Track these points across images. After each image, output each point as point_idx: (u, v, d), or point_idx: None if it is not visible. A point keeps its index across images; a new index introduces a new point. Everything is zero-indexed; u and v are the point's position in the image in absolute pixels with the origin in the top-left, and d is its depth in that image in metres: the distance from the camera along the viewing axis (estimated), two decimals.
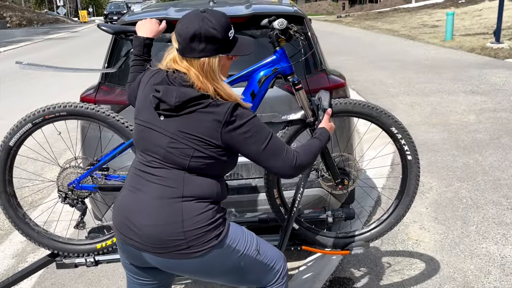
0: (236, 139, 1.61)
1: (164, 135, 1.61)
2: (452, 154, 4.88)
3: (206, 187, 1.65)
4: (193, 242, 1.59)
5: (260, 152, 1.65)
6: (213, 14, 1.62)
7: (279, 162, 1.68)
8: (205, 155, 1.60)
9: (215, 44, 1.60)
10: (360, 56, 12.71)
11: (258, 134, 1.63)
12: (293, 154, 1.71)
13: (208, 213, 1.62)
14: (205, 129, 1.58)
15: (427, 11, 26.89)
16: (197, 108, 1.58)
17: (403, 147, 2.31)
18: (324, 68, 3.02)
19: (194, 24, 1.58)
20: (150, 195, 1.64)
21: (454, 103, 6.95)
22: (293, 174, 1.74)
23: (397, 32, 19.04)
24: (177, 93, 1.57)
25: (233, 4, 3.50)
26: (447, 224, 3.44)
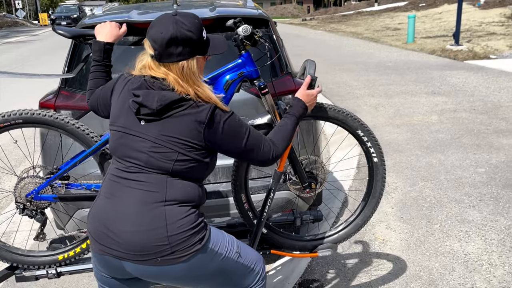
0: (219, 137, 1.63)
1: (146, 139, 1.60)
2: (415, 154, 4.98)
3: (188, 191, 1.64)
4: (178, 247, 1.56)
5: (241, 147, 1.69)
6: (185, 16, 1.63)
7: (259, 155, 1.73)
8: (189, 158, 1.61)
9: (192, 46, 1.61)
10: (325, 58, 12.86)
11: (238, 131, 1.67)
12: (270, 146, 1.76)
13: (191, 217, 1.61)
14: (188, 131, 1.59)
15: (390, 14, 27.51)
16: (179, 110, 1.58)
17: (369, 149, 2.34)
18: (290, 71, 3.02)
19: (168, 28, 1.58)
20: (130, 201, 1.60)
21: (416, 104, 7.12)
22: (272, 163, 1.80)
23: (361, 35, 19.39)
24: (158, 97, 1.56)
25: (197, 6, 3.46)
26: (412, 223, 3.51)
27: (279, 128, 1.89)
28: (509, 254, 3.05)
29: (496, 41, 13.58)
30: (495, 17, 18.81)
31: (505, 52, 11.97)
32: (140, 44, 2.87)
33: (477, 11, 20.98)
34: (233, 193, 2.38)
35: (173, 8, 3.15)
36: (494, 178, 4.23)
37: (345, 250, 3.18)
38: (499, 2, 21.91)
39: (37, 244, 2.81)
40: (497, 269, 2.89)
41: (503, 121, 6.00)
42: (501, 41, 13.62)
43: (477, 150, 4.99)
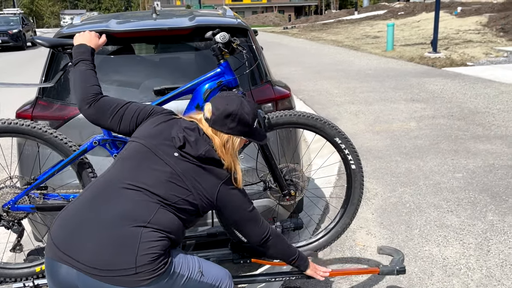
0: (227, 199, 1.80)
1: (170, 167, 1.71)
2: (395, 160, 5.05)
3: (173, 224, 1.68)
4: (143, 268, 1.55)
5: (243, 215, 1.86)
6: (250, 102, 1.88)
7: (254, 230, 1.91)
8: (195, 202, 1.73)
9: (244, 127, 1.82)
10: (306, 66, 12.97)
11: (245, 201, 1.87)
12: (267, 228, 1.94)
13: (163, 242, 1.63)
14: (209, 182, 1.76)
15: (369, 23, 27.91)
16: (212, 167, 1.77)
17: (347, 156, 2.37)
18: (269, 79, 3.05)
19: (233, 104, 1.80)
20: (109, 213, 1.58)
21: (396, 111, 7.22)
22: (259, 244, 1.95)
23: (342, 43, 19.62)
24: (207, 149, 1.76)
25: (176, 16, 3.48)
26: (392, 229, 3.55)
27: (286, 243, 2.10)
28: (486, 258, 3.11)
29: (472, 49, 13.88)
30: (471, 25, 19.24)
31: (481, 60, 12.24)
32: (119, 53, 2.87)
33: (454, 19, 21.42)
34: None
35: (153, 18, 3.16)
36: (471, 183, 4.31)
37: (326, 256, 3.20)
38: (475, 11, 22.43)
39: (14, 256, 2.76)
40: (474, 273, 2.94)
41: (480, 126, 6.12)
42: (477, 48, 13.92)
43: (454, 155, 5.08)
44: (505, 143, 5.40)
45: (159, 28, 2.94)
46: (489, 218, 3.64)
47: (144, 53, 3.09)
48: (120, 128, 1.92)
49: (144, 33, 2.93)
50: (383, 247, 2.73)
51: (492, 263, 3.04)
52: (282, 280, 2.44)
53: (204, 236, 2.60)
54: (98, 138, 2.25)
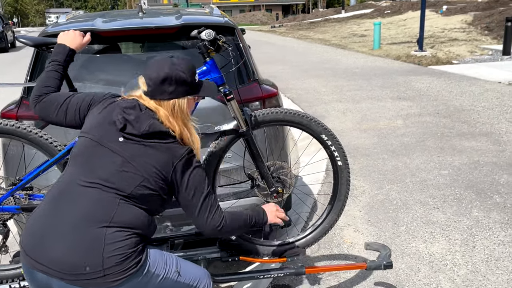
0: (184, 180, 1.69)
1: (119, 155, 1.63)
2: (382, 157, 5.09)
3: (137, 218, 1.63)
4: (111, 270, 1.53)
5: (197, 201, 1.72)
6: (181, 59, 1.77)
7: (207, 218, 1.74)
8: (151, 187, 1.64)
9: (184, 86, 1.73)
10: (294, 65, 13.00)
11: (202, 183, 1.73)
12: (221, 217, 1.77)
13: (131, 241, 1.59)
14: (162, 162, 1.65)
15: (356, 21, 28.06)
16: (161, 142, 1.67)
17: (333, 153, 2.38)
18: (257, 78, 3.05)
19: (164, 68, 1.71)
20: (72, 216, 1.56)
21: (383, 109, 7.28)
22: (212, 234, 1.80)
23: (329, 42, 19.70)
24: (148, 123, 1.66)
25: (163, 14, 3.46)
26: (379, 226, 3.58)
27: (240, 213, 1.90)
28: (472, 253, 3.15)
29: (458, 47, 14.03)
30: (456, 23, 19.45)
31: (467, 58, 12.38)
32: (105, 52, 2.85)
33: (439, 18, 21.64)
34: None
35: (139, 16, 3.14)
36: (457, 180, 4.36)
37: (314, 254, 3.22)
38: (461, 9, 22.68)
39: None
40: (460, 269, 2.98)
41: (465, 124, 6.20)
42: (462, 46, 14.08)
43: (440, 153, 5.14)
44: (490, 140, 5.47)
45: (145, 27, 2.92)
46: (474, 214, 3.69)
47: (131, 52, 3.07)
48: (67, 123, 1.88)
49: (130, 32, 2.91)
50: (371, 243, 2.75)
51: (477, 259, 3.08)
52: (271, 277, 2.45)
53: (192, 235, 2.60)
54: None
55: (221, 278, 2.47)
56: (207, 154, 2.33)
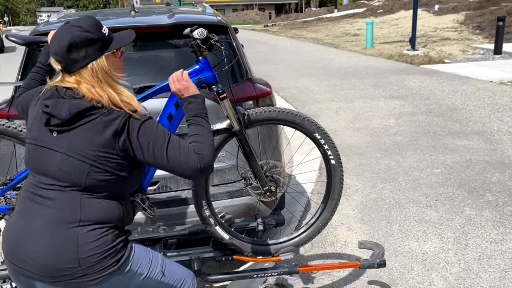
0: (135, 146, 1.55)
1: (57, 152, 1.52)
2: (375, 156, 5.10)
3: (106, 211, 1.56)
4: (90, 269, 1.50)
5: (161, 157, 1.58)
6: (78, 20, 1.59)
7: (182, 164, 1.60)
8: (102, 170, 1.53)
9: (94, 44, 1.55)
10: (287, 64, 13.01)
11: (156, 137, 1.58)
12: (195, 154, 1.63)
13: (107, 238, 1.54)
14: (101, 142, 1.51)
15: (349, 20, 28.13)
16: (90, 119, 1.51)
17: (326, 152, 2.38)
18: (250, 77, 3.05)
19: (65, 36, 1.55)
20: (41, 220, 1.52)
21: (375, 108, 7.30)
22: (200, 175, 1.65)
23: (322, 41, 19.73)
24: (68, 106, 1.50)
25: (155, 13, 3.45)
26: (372, 225, 3.58)
27: (201, 138, 1.72)
28: (464, 251, 3.16)
29: (450, 46, 14.11)
30: (448, 23, 19.56)
31: (459, 57, 12.46)
32: None
33: (432, 17, 21.75)
34: (194, 200, 2.37)
35: (131, 15, 3.12)
36: (449, 179, 4.38)
37: (307, 253, 3.22)
38: (452, 9, 22.81)
39: None
40: (453, 267, 2.99)
41: (457, 123, 6.23)
42: (454, 46, 14.16)
43: (433, 151, 5.16)
44: (481, 139, 5.50)
45: (137, 26, 2.90)
46: (466, 212, 3.71)
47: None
48: (25, 120, 1.77)
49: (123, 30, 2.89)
50: (364, 241, 2.76)
51: (470, 257, 3.09)
52: (264, 276, 2.45)
53: (185, 234, 2.59)
54: None
55: (214, 277, 2.46)
56: None
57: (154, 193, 2.79)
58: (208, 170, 1.67)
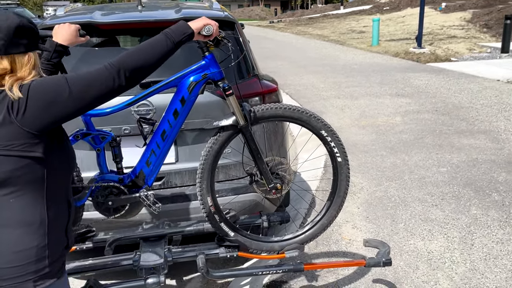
0: (39, 114, 1.31)
1: None
2: (381, 154, 5.08)
3: (27, 211, 1.37)
4: (5, 282, 1.35)
5: (74, 102, 1.36)
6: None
7: (104, 90, 1.40)
8: (10, 157, 1.30)
9: None
10: (292, 60, 12.97)
11: (53, 92, 1.33)
12: (108, 70, 1.42)
13: (30, 251, 1.36)
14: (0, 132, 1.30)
15: (355, 17, 28.01)
16: None
17: (332, 149, 2.36)
18: (257, 73, 3.03)
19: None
20: None
21: (381, 106, 7.26)
22: (125, 84, 1.45)
23: (327, 38, 19.66)
24: None
25: (162, 8, 3.43)
26: (377, 223, 3.57)
27: (135, 49, 1.53)
28: (470, 251, 3.14)
29: (456, 44, 14.02)
30: (455, 21, 19.43)
31: (465, 55, 12.38)
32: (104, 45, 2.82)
33: (438, 15, 21.62)
34: (199, 196, 2.36)
35: (138, 10, 3.11)
36: (455, 177, 4.36)
37: (312, 250, 3.21)
38: (459, 7, 22.66)
39: None
40: (459, 266, 2.97)
41: (464, 121, 6.19)
42: (461, 44, 14.07)
43: (439, 150, 5.13)
44: (488, 138, 5.46)
45: (144, 20, 2.90)
46: (472, 212, 3.68)
47: (129, 45, 3.05)
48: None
49: (129, 25, 2.88)
50: (369, 239, 2.74)
51: (476, 257, 3.07)
52: (269, 273, 2.44)
53: (190, 230, 2.58)
54: (80, 132, 2.21)
55: (218, 274, 2.46)
56: (206, 150, 2.31)
57: (159, 188, 2.78)
58: (136, 75, 1.48)
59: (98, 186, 2.25)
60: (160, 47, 1.59)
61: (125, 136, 2.63)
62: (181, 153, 2.82)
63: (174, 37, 1.65)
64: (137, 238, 2.53)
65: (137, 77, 1.50)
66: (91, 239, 2.54)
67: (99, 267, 2.39)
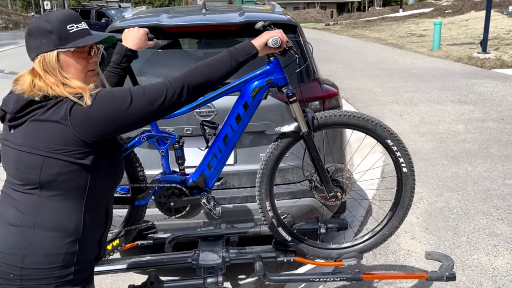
0: (95, 123, 1.36)
1: (13, 149, 1.41)
2: (441, 163, 4.89)
3: (63, 216, 1.41)
4: (28, 282, 1.38)
5: (135, 115, 1.40)
6: (56, 11, 1.49)
7: (164, 104, 1.44)
8: (58, 160, 1.35)
9: (48, 37, 1.40)
10: (349, 64, 12.78)
11: (115, 105, 1.38)
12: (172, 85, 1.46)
13: (58, 256, 1.40)
14: (53, 133, 1.35)
15: (414, 20, 27.20)
16: (38, 113, 1.37)
17: (398, 159, 2.29)
18: (317, 77, 3.01)
19: (32, 23, 1.47)
20: (5, 220, 1.44)
21: (442, 112, 7.00)
22: (187, 100, 1.50)
23: (385, 41, 19.21)
24: (15, 100, 1.40)
25: (226, 11, 3.48)
26: (438, 235, 3.43)
27: (200, 66, 1.57)
28: None
29: None
30: None
31: None
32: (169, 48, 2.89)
33: (505, 19, 20.58)
34: (258, 200, 2.36)
35: (202, 13, 3.17)
36: None
37: (368, 261, 3.13)
38: None
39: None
40: None
41: None
42: None
43: (505, 161, 4.87)
44: None
45: (209, 24, 2.95)
46: None
47: (192, 48, 3.10)
48: None
49: (194, 28, 2.94)
50: (431, 252, 2.64)
51: None
52: (326, 281, 2.40)
53: (247, 232, 2.59)
54: (146, 134, 2.27)
55: (275, 278, 2.45)
56: (266, 155, 2.30)
57: (217, 189, 2.82)
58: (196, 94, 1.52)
59: (161, 186, 2.31)
60: (225, 66, 1.62)
61: (187, 137, 2.68)
62: (240, 155, 2.84)
63: (239, 56, 1.67)
64: (196, 237, 2.57)
65: (198, 93, 1.55)
66: (151, 236, 2.61)
67: (159, 264, 2.45)
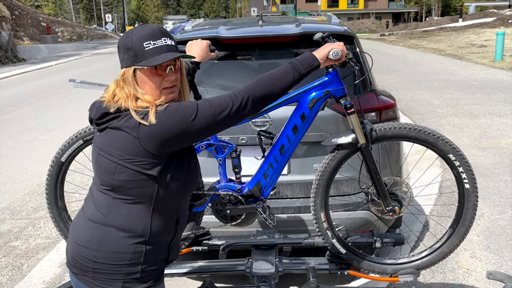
0: (160, 138, 1.41)
1: (95, 150, 1.53)
2: (504, 180, 4.66)
3: (131, 218, 1.50)
4: (99, 275, 1.49)
5: (201, 129, 1.45)
6: (142, 26, 1.54)
7: (228, 116, 1.48)
8: (127, 168, 1.44)
9: (128, 53, 1.48)
10: (404, 75, 12.48)
11: (181, 119, 1.43)
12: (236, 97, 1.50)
13: (126, 255, 1.49)
14: (123, 141, 1.44)
15: (475, 31, 26.18)
16: (116, 121, 1.46)
17: (460, 174, 2.22)
18: (374, 88, 2.97)
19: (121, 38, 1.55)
20: (86, 215, 1.56)
21: (506, 126, 6.68)
22: (251, 112, 1.53)
23: (444, 52, 18.61)
24: (97, 106, 1.51)
25: (282, 23, 3.51)
26: (500, 254, 3.27)
27: (261, 79, 1.61)
28: None
29: None
30: None
31: None
32: (226, 59, 2.96)
33: None
34: (312, 211, 2.35)
35: (259, 24, 3.22)
36: None
37: (426, 278, 3.03)
38: None
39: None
40: None
41: None
42: None
43: None
44: None
45: (266, 35, 2.99)
46: None
47: (250, 59, 3.15)
48: None
49: (252, 40, 2.99)
50: (494, 272, 2.52)
51: None
52: None
53: (301, 243, 2.58)
54: (205, 142, 2.33)
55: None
56: (323, 165, 2.30)
57: (270, 198, 2.83)
58: (260, 104, 1.55)
59: (218, 194, 2.35)
60: (288, 78, 1.65)
61: (242, 146, 2.71)
62: (294, 165, 2.85)
63: (301, 68, 1.69)
64: (250, 245, 2.59)
65: (262, 105, 1.58)
66: (206, 242, 2.65)
67: (214, 270, 2.49)
